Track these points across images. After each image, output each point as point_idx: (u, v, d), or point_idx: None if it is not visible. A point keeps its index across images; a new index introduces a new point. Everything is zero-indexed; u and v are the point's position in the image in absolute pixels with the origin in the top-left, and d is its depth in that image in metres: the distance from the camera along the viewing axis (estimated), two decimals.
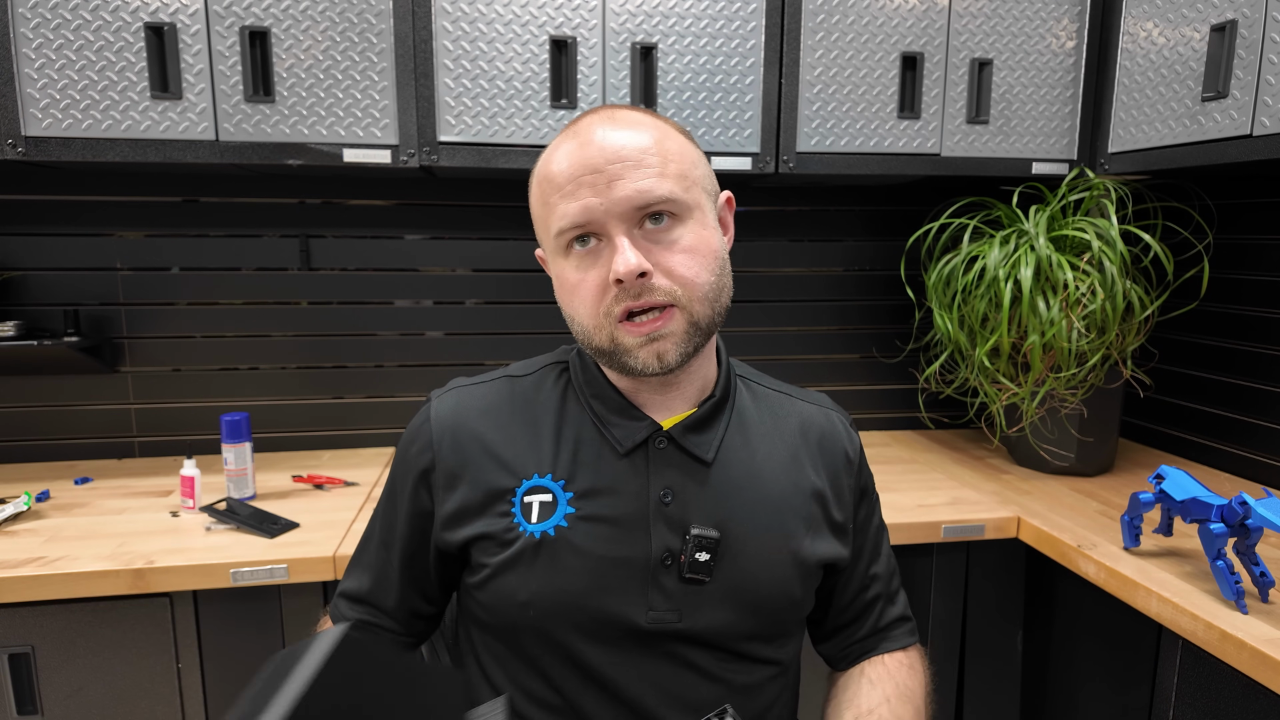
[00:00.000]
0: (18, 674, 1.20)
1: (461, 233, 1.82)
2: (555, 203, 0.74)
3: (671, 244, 0.73)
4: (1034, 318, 1.49)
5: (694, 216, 0.75)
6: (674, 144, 0.75)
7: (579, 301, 0.75)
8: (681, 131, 0.79)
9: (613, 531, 0.77)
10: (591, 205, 0.71)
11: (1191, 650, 1.10)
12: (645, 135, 0.74)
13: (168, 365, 1.76)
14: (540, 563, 0.77)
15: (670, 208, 0.73)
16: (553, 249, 0.76)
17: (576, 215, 0.72)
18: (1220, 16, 1.35)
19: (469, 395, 0.85)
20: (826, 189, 1.94)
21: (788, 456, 0.84)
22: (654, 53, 1.48)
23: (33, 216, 1.67)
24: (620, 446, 0.79)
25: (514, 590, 0.77)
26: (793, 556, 0.81)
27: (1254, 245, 1.62)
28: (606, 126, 0.74)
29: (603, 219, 0.72)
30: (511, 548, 0.77)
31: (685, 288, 0.73)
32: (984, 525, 1.41)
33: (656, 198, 0.72)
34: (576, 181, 0.72)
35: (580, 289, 0.74)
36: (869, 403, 2.04)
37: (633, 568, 0.77)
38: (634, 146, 0.73)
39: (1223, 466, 1.68)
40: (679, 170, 0.74)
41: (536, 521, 0.78)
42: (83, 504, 1.46)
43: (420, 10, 1.41)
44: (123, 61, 1.34)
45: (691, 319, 0.74)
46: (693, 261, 0.73)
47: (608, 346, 0.75)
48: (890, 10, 1.55)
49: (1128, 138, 1.56)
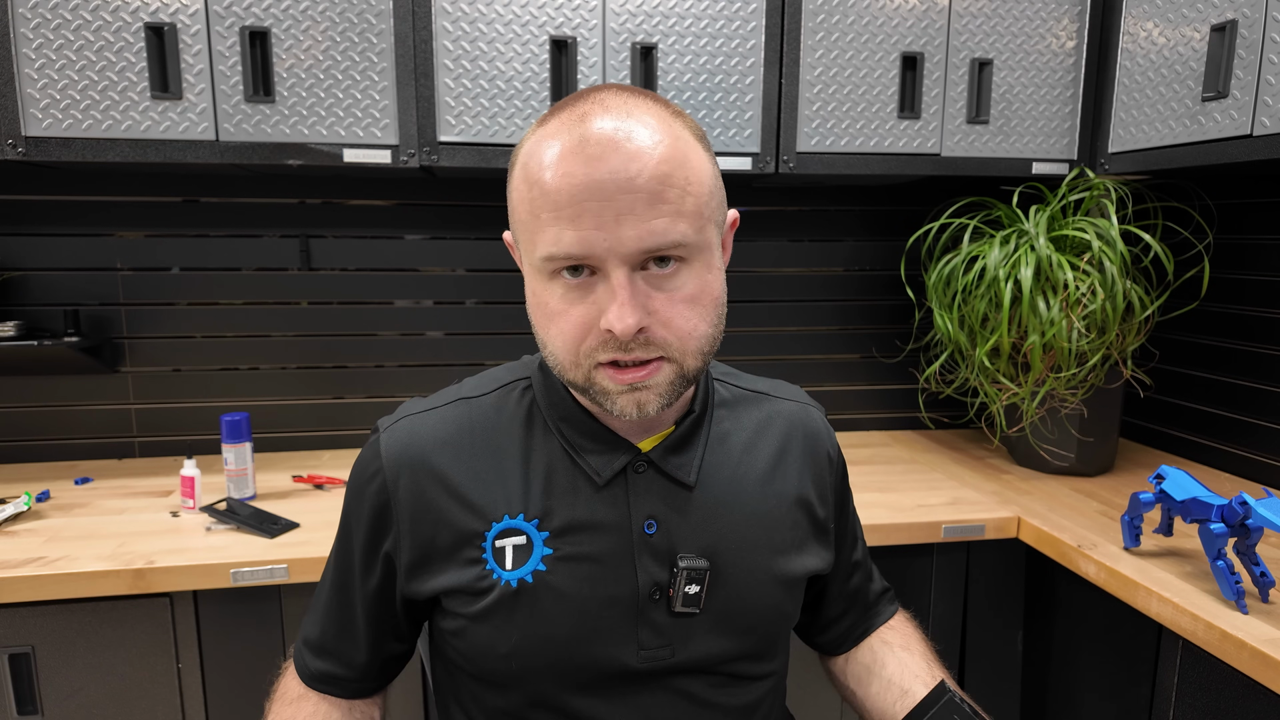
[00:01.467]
0: (18, 674, 1.20)
1: (461, 233, 1.82)
2: (547, 221, 0.63)
3: (674, 291, 0.64)
4: (1034, 318, 1.49)
5: (702, 258, 0.66)
6: (694, 167, 0.65)
7: (557, 332, 0.66)
8: (699, 139, 0.68)
9: (595, 570, 0.72)
10: (593, 240, 0.61)
11: (1192, 650, 1.10)
12: (666, 155, 0.62)
13: (168, 365, 1.76)
14: (520, 613, 0.71)
15: (680, 252, 0.64)
16: (534, 265, 0.66)
17: (573, 247, 0.62)
18: (1220, 16, 1.35)
19: (423, 424, 0.76)
20: (826, 189, 1.94)
21: (770, 465, 0.81)
22: (654, 53, 1.48)
23: (33, 216, 1.67)
24: (598, 477, 0.73)
25: (493, 643, 0.72)
26: (781, 573, 0.78)
27: (1254, 245, 1.62)
28: (620, 131, 0.62)
29: (604, 256, 0.62)
30: (487, 598, 0.71)
31: (681, 341, 0.65)
32: (984, 525, 1.41)
33: (669, 242, 0.62)
34: (579, 206, 0.61)
35: (561, 321, 0.65)
36: (869, 403, 2.04)
37: (620, 607, 0.72)
38: (652, 175, 0.61)
39: (1223, 466, 1.68)
40: (696, 206, 0.64)
41: (511, 568, 0.71)
42: (83, 504, 1.46)
43: (420, 10, 1.41)
44: (123, 61, 1.34)
45: (681, 372, 0.67)
46: (693, 313, 0.65)
47: (582, 384, 0.67)
48: (890, 10, 1.55)
49: (1128, 138, 1.56)
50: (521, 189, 0.66)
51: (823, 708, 1.47)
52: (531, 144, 0.66)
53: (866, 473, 1.67)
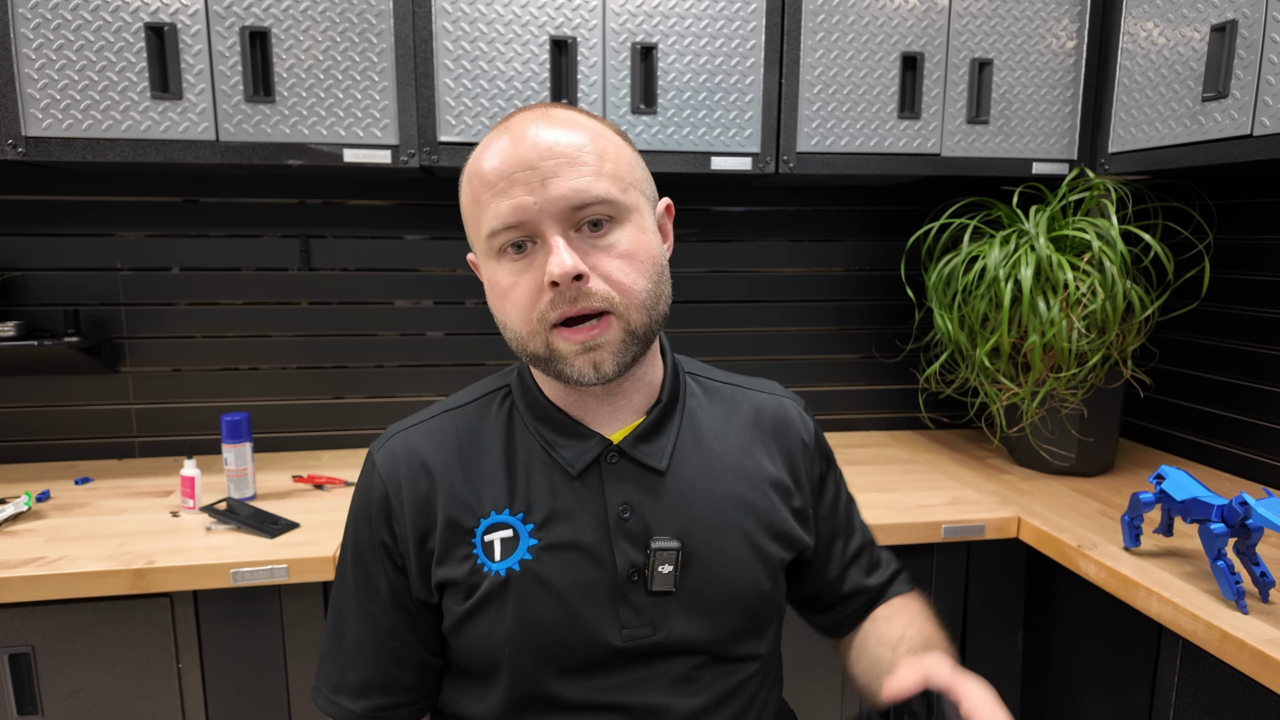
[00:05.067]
0: (18, 674, 1.20)
1: (461, 233, 1.80)
2: (486, 201, 0.71)
3: (609, 248, 0.71)
4: (1034, 318, 1.49)
5: (632, 220, 0.73)
6: (610, 144, 0.73)
7: (511, 307, 0.72)
8: (618, 132, 0.76)
9: (577, 557, 0.76)
10: (525, 204, 0.69)
11: (1192, 650, 1.10)
12: (580, 134, 0.72)
13: (168, 365, 1.76)
14: (510, 601, 0.75)
15: (607, 210, 0.71)
16: (484, 250, 0.74)
17: (509, 214, 0.69)
18: (1220, 16, 1.35)
19: (412, 439, 0.82)
20: (826, 189, 1.94)
21: (742, 450, 0.84)
22: (654, 53, 1.48)
23: (33, 216, 1.67)
24: (572, 468, 0.78)
25: (487, 632, 0.76)
26: (755, 551, 0.81)
27: (1254, 245, 1.62)
28: (540, 124, 0.72)
29: (537, 219, 0.69)
30: (479, 591, 0.76)
31: (622, 294, 0.71)
32: (984, 525, 1.41)
33: (593, 197, 0.69)
34: (509, 179, 0.70)
35: (513, 293, 0.72)
36: (869, 403, 2.04)
37: (601, 589, 0.76)
38: (569, 144, 0.70)
39: (1223, 466, 1.68)
40: (615, 170, 0.72)
41: (500, 559, 0.76)
42: (83, 504, 1.46)
43: (420, 10, 1.41)
44: (123, 62, 1.34)
45: (628, 328, 0.72)
46: (630, 267, 0.71)
47: (543, 353, 0.73)
48: (890, 10, 1.55)
49: (1128, 138, 1.56)
50: (465, 190, 0.76)
51: (822, 706, 1.47)
52: (474, 153, 0.76)
53: (866, 473, 1.67)
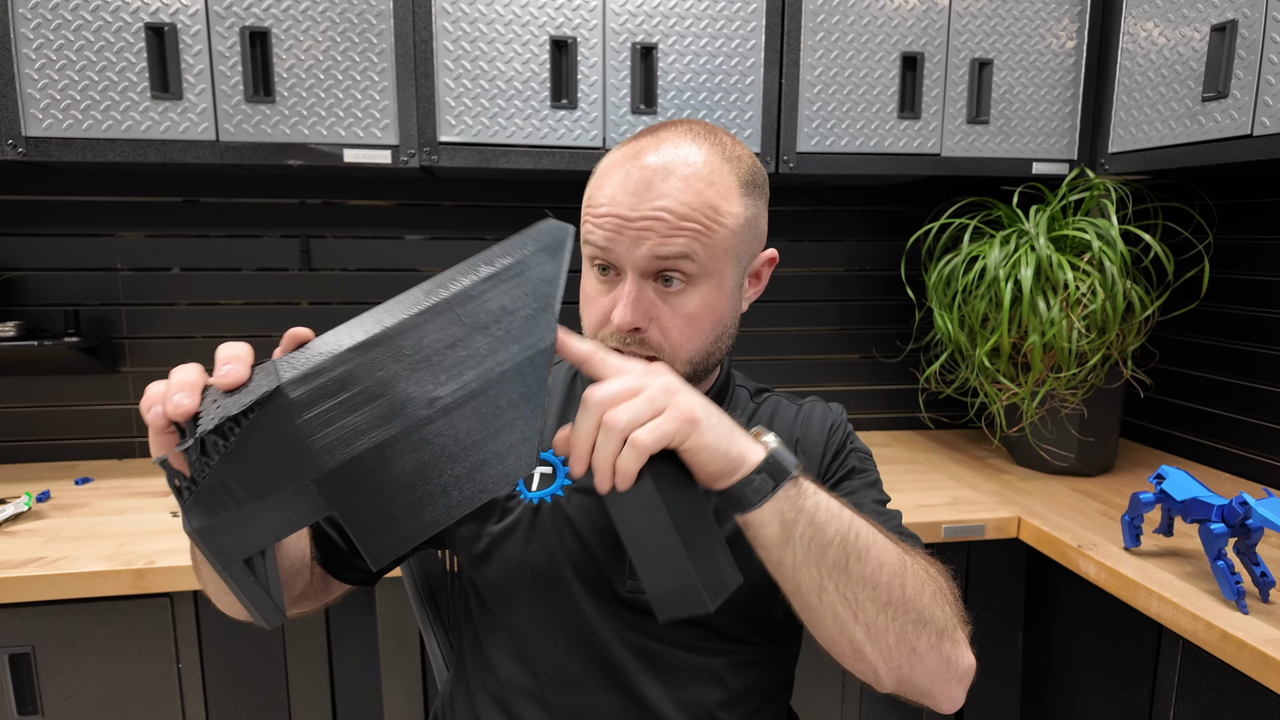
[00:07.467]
0: (18, 674, 1.20)
1: (462, 233, 1.82)
2: (588, 217, 0.76)
3: (676, 306, 0.75)
4: (1034, 318, 1.49)
5: (709, 283, 0.76)
6: (729, 207, 0.75)
7: (587, 312, 0.79)
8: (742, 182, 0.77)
9: (599, 505, 0.81)
10: (615, 248, 0.74)
11: (1192, 650, 1.10)
12: (697, 193, 0.73)
13: (168, 365, 1.74)
14: (538, 527, 0.82)
15: (687, 268, 0.74)
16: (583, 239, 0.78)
17: (599, 243, 0.75)
18: (1220, 16, 1.35)
19: None
20: (827, 189, 1.94)
21: None
22: (654, 53, 1.48)
23: (33, 216, 1.67)
24: None
25: (513, 552, 0.82)
26: None
27: (1254, 245, 1.62)
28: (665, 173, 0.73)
29: (620, 261, 0.74)
30: (511, 515, 0.83)
31: (673, 349, 0.76)
32: (984, 525, 1.41)
33: (675, 258, 0.73)
34: (614, 215, 0.74)
35: (591, 306, 0.78)
36: (869, 403, 2.04)
37: (610, 538, 0.81)
38: (679, 204, 0.72)
39: (1223, 466, 1.68)
40: (713, 240, 0.74)
41: (536, 489, 0.84)
42: (83, 504, 1.46)
43: (420, 10, 1.41)
44: (123, 62, 1.34)
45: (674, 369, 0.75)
46: (689, 327, 0.76)
47: None
48: (890, 10, 1.55)
49: (1128, 138, 1.56)
50: (589, 186, 0.80)
51: (823, 708, 1.47)
52: (609, 154, 0.80)
53: None
